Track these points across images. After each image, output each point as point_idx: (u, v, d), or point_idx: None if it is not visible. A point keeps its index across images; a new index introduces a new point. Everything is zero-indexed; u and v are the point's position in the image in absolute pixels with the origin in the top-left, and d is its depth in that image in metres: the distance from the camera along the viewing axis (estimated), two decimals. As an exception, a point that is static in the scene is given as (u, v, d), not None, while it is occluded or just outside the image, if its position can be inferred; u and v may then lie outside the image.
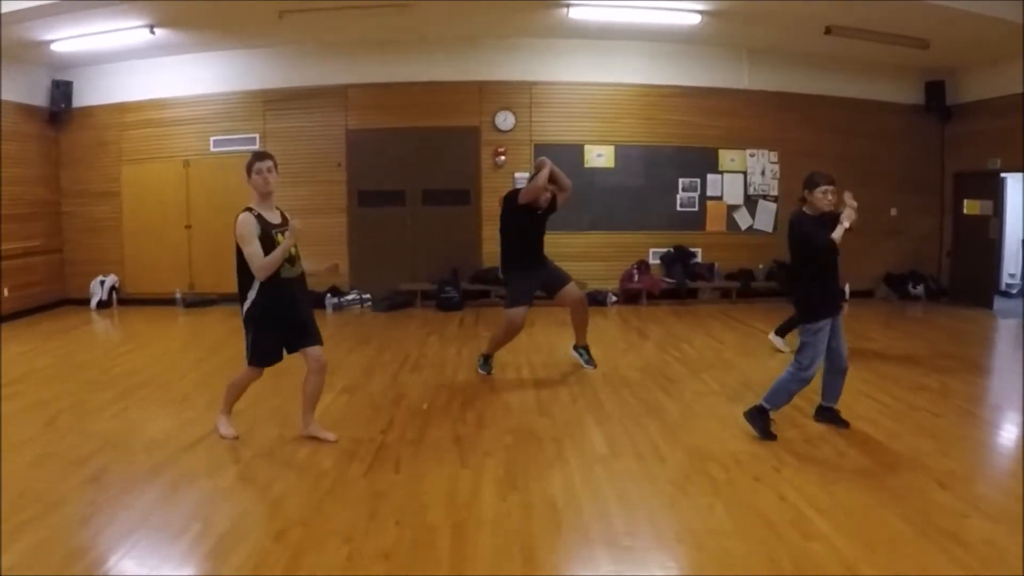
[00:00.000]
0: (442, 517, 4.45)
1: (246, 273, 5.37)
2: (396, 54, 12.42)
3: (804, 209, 5.84)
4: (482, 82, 12.72)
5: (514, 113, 12.76)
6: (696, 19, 11.16)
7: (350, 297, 12.47)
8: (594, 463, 5.37)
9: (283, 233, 5.43)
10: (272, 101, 12.64)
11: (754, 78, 13.34)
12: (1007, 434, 6.41)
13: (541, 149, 12.28)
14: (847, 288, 13.30)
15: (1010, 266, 14.52)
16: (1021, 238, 14.20)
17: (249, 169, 5.45)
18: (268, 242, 5.32)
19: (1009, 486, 5.00)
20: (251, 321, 5.53)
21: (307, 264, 5.75)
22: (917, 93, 13.93)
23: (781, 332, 9.24)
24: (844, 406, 6.42)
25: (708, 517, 4.51)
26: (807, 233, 5.72)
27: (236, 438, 5.75)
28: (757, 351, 9.12)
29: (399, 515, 4.46)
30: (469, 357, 8.64)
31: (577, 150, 12.86)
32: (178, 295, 12.48)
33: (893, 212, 13.96)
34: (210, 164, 12.64)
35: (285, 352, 5.69)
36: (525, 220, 7.53)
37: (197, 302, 12.40)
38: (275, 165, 5.50)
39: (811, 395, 6.28)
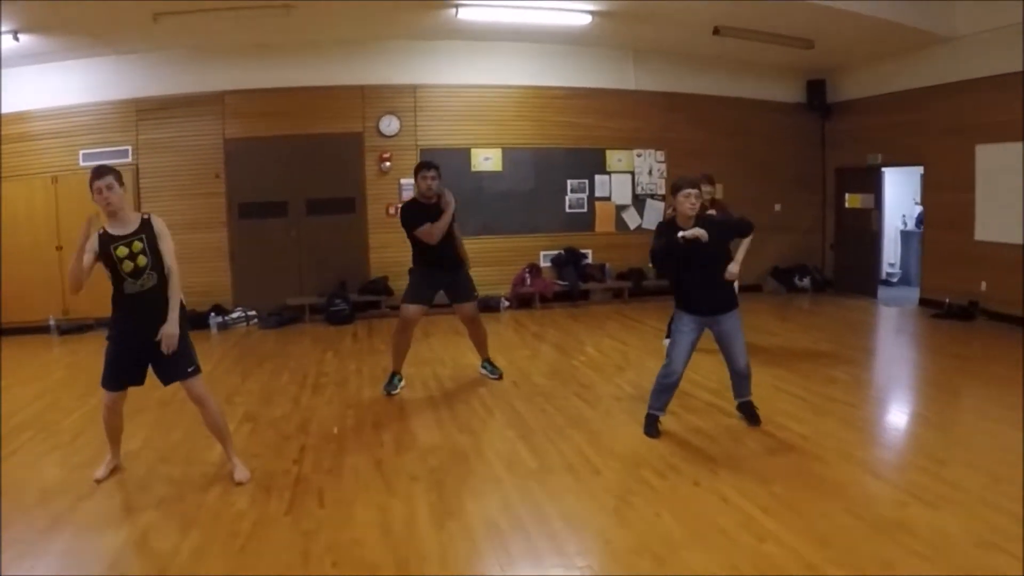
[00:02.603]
0: (381, 553, 4.27)
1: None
2: (275, 58, 12.25)
3: (671, 213, 6.25)
4: (365, 86, 12.68)
5: (399, 117, 12.77)
6: (587, 19, 11.40)
7: (235, 315, 12.23)
8: (528, 479, 5.33)
9: (127, 244, 5.06)
10: (145, 111, 12.24)
11: (640, 79, 13.73)
12: (923, 421, 6.83)
13: (427, 153, 12.35)
14: (736, 283, 13.93)
15: (890, 256, 15.46)
16: (900, 228, 15.22)
17: (90, 187, 5.03)
18: (105, 257, 5.03)
19: (939, 472, 5.27)
20: (108, 340, 5.29)
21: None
22: (799, 91, 14.72)
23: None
24: (761, 402, 6.69)
25: (659, 528, 4.54)
26: (658, 236, 6.08)
27: (98, 481, 5.39)
28: (661, 349, 9.09)
29: (335, 555, 4.26)
30: (371, 373, 8.58)
31: (464, 154, 13.01)
32: (52, 321, 11.90)
33: (777, 208, 14.71)
34: (80, 179, 11.45)
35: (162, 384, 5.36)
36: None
37: (73, 328, 11.84)
38: (118, 180, 5.11)
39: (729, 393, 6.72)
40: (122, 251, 5.04)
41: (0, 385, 8.41)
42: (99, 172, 5.08)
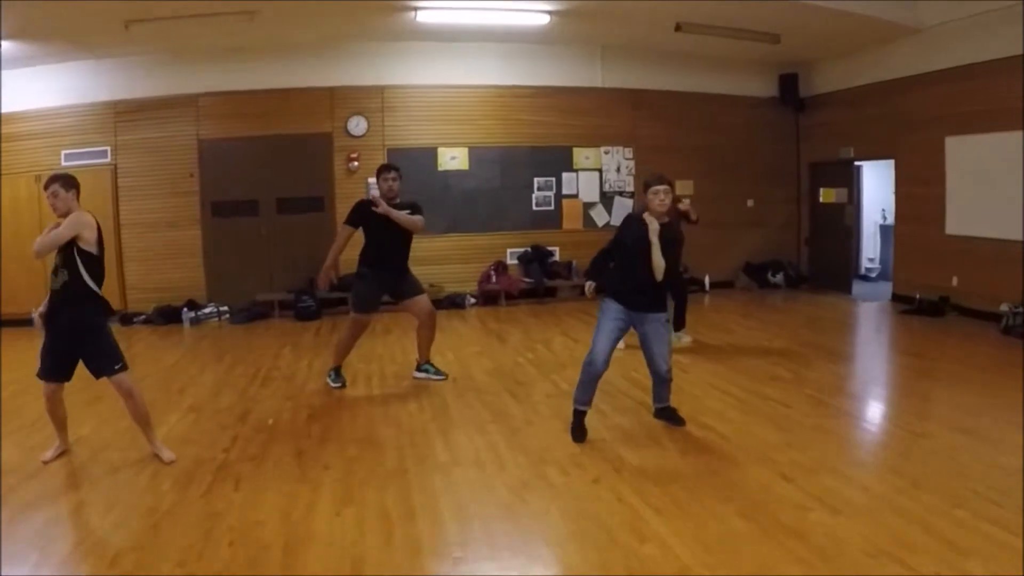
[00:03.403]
0: (275, 535, 4.67)
1: None
2: (246, 61, 12.80)
3: (644, 214, 6.24)
4: (333, 87, 13.21)
5: (366, 118, 13.29)
6: (545, 19, 11.79)
7: (207, 310, 12.83)
8: (433, 472, 5.68)
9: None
10: (123, 112, 12.88)
11: (608, 76, 14.12)
12: (857, 423, 6.87)
13: (394, 153, 12.94)
14: (707, 280, 14.41)
15: (869, 251, 15.70)
16: (879, 223, 15.35)
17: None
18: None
19: (855, 476, 5.35)
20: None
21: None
22: (771, 86, 15.01)
23: (678, 327, 9.73)
24: (693, 400, 7.11)
25: (544, 523, 4.80)
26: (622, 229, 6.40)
27: (45, 462, 6.01)
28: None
29: (233, 535, 4.68)
30: (320, 368, 9.00)
31: (431, 153, 13.53)
32: (34, 313, 11.93)
33: (750, 203, 15.11)
34: None
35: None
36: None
37: None
38: (63, 186, 5.81)
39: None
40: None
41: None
42: (47, 182, 5.86)
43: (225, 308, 13.02)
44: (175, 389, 8.43)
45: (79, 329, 5.88)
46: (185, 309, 12.78)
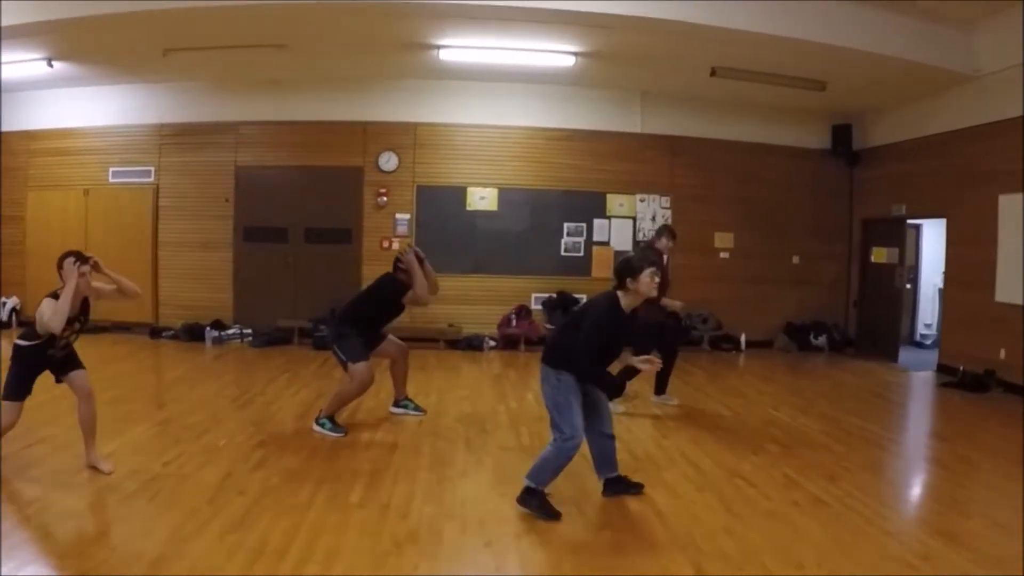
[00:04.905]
0: (154, 547, 4.91)
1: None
2: (284, 93, 13.69)
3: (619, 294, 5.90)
4: (367, 123, 13.91)
5: (397, 154, 13.91)
6: (570, 61, 12.00)
7: (231, 331, 13.58)
8: (334, 511, 5.67)
9: (76, 321, 6.44)
10: (167, 135, 13.95)
11: (648, 122, 14.32)
12: (823, 511, 6.00)
13: (423, 190, 13.60)
14: (743, 338, 14.42)
15: (926, 316, 15.22)
16: (938, 286, 14.55)
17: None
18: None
19: (776, 570, 4.84)
20: (17, 354, 6.38)
21: None
22: (823, 137, 14.85)
23: (660, 390, 9.67)
24: (652, 470, 6.79)
25: None
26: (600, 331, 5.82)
27: None
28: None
29: (119, 540, 5.05)
30: (301, 399, 9.38)
31: (460, 192, 13.99)
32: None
33: (795, 259, 14.94)
34: (108, 193, 14.04)
35: (55, 382, 6.59)
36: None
37: (89, 328, 12.93)
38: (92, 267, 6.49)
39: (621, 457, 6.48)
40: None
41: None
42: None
43: (249, 331, 13.71)
44: (157, 402, 9.06)
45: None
46: (209, 328, 13.54)
